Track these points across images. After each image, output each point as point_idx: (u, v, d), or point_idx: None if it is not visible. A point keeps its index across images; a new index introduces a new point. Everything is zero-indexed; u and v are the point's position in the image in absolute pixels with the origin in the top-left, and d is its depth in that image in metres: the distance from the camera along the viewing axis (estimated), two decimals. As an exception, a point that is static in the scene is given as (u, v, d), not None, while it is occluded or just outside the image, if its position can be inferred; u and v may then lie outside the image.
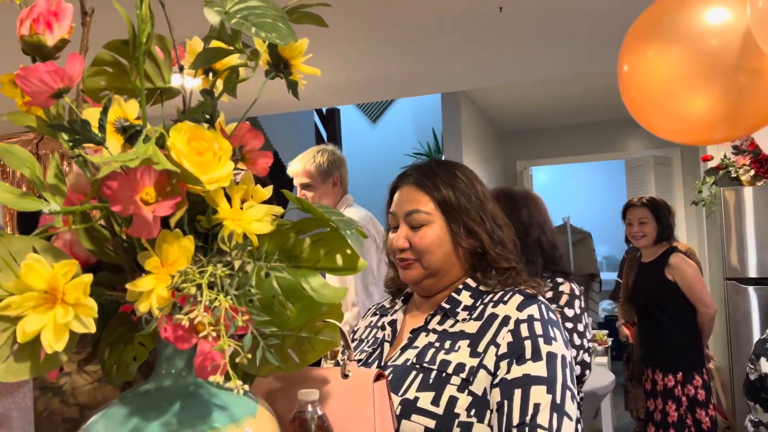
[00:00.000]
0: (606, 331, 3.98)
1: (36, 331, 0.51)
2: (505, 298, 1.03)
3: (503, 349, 0.97)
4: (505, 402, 0.93)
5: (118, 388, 0.82)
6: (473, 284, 1.09)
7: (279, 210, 0.62)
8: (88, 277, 0.53)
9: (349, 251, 0.67)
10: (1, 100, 0.63)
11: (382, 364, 1.06)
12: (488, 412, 0.95)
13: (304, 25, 0.69)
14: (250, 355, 0.53)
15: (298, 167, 2.58)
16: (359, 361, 1.11)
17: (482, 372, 0.96)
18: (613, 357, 4.47)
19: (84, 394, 0.90)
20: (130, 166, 0.53)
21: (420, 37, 3.40)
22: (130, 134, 0.58)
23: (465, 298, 1.07)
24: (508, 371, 0.95)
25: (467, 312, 1.04)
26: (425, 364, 0.99)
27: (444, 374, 0.97)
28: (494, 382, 0.95)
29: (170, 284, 0.54)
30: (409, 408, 0.95)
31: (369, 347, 1.13)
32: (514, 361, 0.95)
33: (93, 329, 0.53)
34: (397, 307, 1.18)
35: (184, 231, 0.57)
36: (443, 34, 3.37)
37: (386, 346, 1.10)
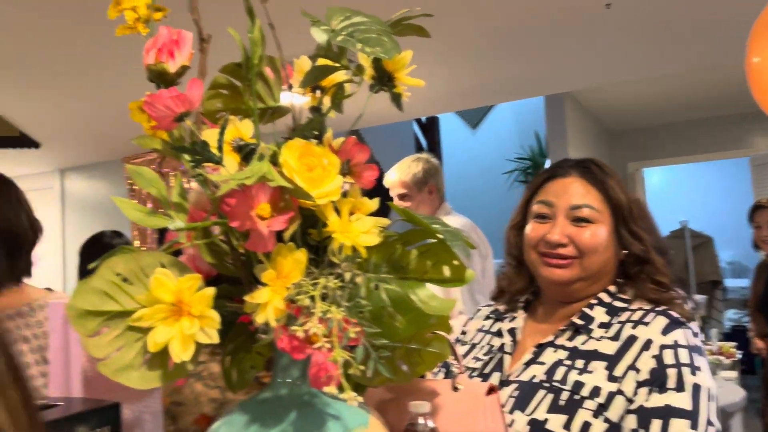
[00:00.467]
0: (734, 343, 3.68)
1: (165, 342, 0.55)
2: (646, 319, 0.96)
3: (644, 375, 0.90)
4: (641, 431, 0.87)
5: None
6: (607, 299, 1.01)
7: (385, 221, 0.63)
8: (211, 290, 0.56)
9: (456, 262, 0.66)
10: (128, 124, 0.68)
11: (504, 378, 1.00)
12: None
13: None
14: (362, 366, 0.54)
15: (394, 178, 2.60)
16: (474, 369, 1.05)
17: (620, 398, 0.90)
18: (744, 371, 4.11)
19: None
20: (247, 184, 0.55)
21: (523, 40, 3.33)
22: (246, 153, 0.60)
23: (599, 314, 0.99)
24: (647, 399, 0.89)
25: (604, 329, 0.97)
26: (555, 384, 0.93)
27: (577, 396, 0.91)
28: (630, 408, 0.89)
29: (285, 296, 0.56)
30: (538, 430, 0.90)
31: (484, 355, 1.07)
32: (656, 389, 0.89)
33: (216, 340, 0.55)
34: (516, 314, 1.10)
35: (297, 244, 0.58)
36: (547, 35, 3.28)
37: (506, 357, 1.04)
